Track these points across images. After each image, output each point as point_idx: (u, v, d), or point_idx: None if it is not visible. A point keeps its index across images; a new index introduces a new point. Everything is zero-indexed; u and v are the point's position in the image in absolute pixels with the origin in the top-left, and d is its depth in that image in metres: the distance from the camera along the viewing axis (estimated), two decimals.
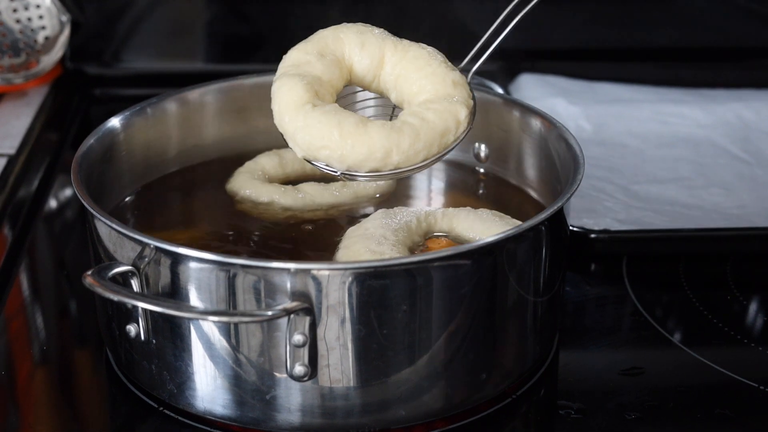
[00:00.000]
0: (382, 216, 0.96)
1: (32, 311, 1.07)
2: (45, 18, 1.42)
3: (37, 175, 1.29)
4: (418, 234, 0.96)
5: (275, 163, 1.09)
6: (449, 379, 0.87)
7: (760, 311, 1.06)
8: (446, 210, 0.99)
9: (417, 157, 0.91)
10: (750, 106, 1.42)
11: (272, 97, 0.93)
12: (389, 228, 0.94)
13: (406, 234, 0.95)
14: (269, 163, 1.09)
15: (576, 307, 1.06)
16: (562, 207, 0.89)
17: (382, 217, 0.96)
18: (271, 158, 1.10)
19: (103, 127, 1.02)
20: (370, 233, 0.93)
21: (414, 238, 0.96)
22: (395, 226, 0.95)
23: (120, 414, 0.93)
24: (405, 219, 0.96)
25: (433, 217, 0.98)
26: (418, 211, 0.98)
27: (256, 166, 1.09)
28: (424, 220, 0.97)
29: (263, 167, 1.09)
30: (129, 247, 0.85)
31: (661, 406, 0.92)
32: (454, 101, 0.93)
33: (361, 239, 0.93)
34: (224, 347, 0.85)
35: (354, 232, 0.95)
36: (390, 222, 0.95)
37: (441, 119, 0.91)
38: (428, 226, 0.97)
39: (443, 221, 0.98)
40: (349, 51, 0.96)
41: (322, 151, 0.90)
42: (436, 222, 0.98)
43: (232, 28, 1.57)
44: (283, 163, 1.10)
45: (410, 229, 0.96)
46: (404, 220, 0.96)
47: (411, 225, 0.96)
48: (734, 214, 1.18)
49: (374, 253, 0.90)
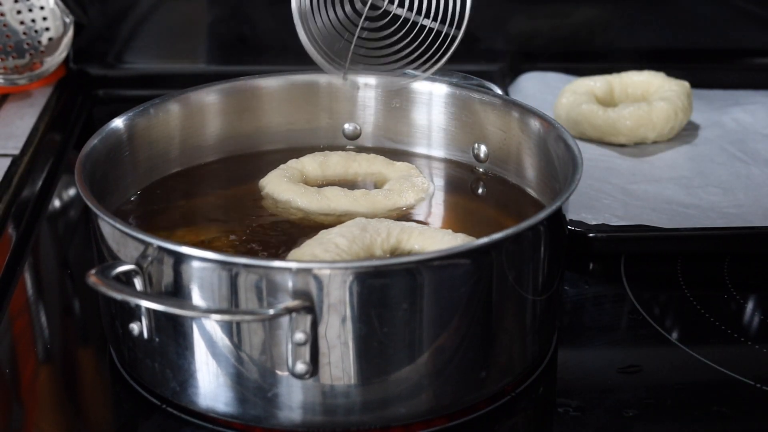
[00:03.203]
0: (355, 224, 0.96)
1: (36, 310, 1.07)
2: (49, 19, 1.43)
3: (40, 176, 1.29)
4: (382, 249, 0.95)
5: (316, 165, 1.10)
6: (449, 377, 0.87)
7: (757, 309, 1.07)
8: (423, 228, 0.96)
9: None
10: (746, 109, 1.43)
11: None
12: (349, 237, 0.93)
13: (361, 246, 0.93)
14: (310, 165, 1.10)
15: (574, 305, 1.07)
16: (560, 207, 0.90)
17: (354, 225, 0.95)
18: (314, 159, 1.10)
19: (106, 128, 1.02)
20: (328, 238, 0.93)
21: (374, 251, 0.94)
22: (355, 236, 0.93)
23: (123, 411, 0.93)
24: (372, 231, 0.95)
25: (406, 234, 0.96)
26: (392, 224, 0.96)
27: (297, 164, 1.09)
28: (395, 235, 0.95)
29: (303, 167, 1.09)
30: (132, 247, 0.86)
31: (658, 404, 0.92)
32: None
33: (315, 242, 0.93)
34: (226, 345, 0.85)
35: (323, 233, 0.95)
36: (355, 231, 0.94)
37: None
38: (397, 243, 0.96)
39: (416, 239, 0.95)
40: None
41: None
42: (408, 239, 0.95)
43: (234, 30, 1.57)
44: (324, 165, 1.10)
45: (370, 243, 0.94)
46: (370, 233, 0.94)
47: (374, 239, 0.94)
48: (731, 213, 1.19)
49: (314, 256, 0.91)
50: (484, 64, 1.54)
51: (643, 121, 1.33)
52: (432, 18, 1.05)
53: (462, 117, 1.12)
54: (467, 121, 1.12)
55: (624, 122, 1.33)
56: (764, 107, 1.43)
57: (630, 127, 1.33)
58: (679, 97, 1.35)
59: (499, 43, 1.58)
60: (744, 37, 1.58)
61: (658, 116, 1.33)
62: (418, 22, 1.06)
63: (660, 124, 1.33)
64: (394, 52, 1.09)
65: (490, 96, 1.10)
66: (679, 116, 1.34)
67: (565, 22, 1.59)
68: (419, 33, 1.06)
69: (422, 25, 1.06)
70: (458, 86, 1.11)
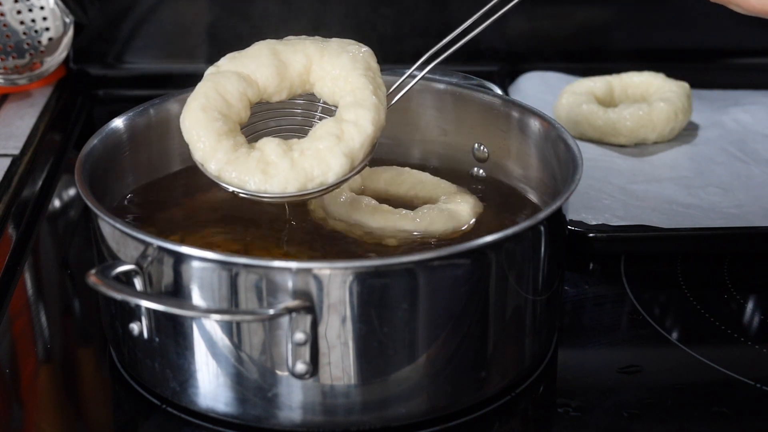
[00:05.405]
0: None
1: (36, 310, 1.07)
2: (49, 19, 1.43)
3: (40, 175, 1.29)
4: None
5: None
6: (449, 377, 0.88)
7: (758, 310, 1.07)
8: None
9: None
10: (746, 109, 1.43)
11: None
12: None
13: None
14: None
15: (574, 305, 1.07)
16: (560, 207, 0.90)
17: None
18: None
19: (106, 128, 1.02)
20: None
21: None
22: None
23: (123, 412, 0.93)
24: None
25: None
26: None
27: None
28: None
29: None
30: (132, 247, 0.86)
31: (658, 404, 0.92)
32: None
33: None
34: (226, 345, 0.85)
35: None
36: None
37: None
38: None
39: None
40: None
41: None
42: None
43: (234, 29, 1.57)
44: (363, 176, 1.08)
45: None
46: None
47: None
48: (732, 213, 1.19)
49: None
50: (484, 64, 1.54)
51: (643, 122, 1.33)
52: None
53: (462, 117, 1.12)
54: (467, 121, 1.11)
55: (624, 123, 1.33)
56: (764, 107, 1.43)
57: (630, 128, 1.33)
58: (679, 98, 1.35)
59: (499, 43, 1.58)
60: (744, 38, 1.58)
61: (658, 117, 1.33)
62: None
63: (660, 125, 1.33)
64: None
65: (490, 96, 1.10)
66: (680, 117, 1.34)
67: (565, 22, 1.59)
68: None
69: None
70: (458, 86, 1.11)
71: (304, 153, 0.91)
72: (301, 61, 0.96)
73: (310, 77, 0.96)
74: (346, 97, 0.94)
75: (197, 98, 0.93)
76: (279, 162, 0.90)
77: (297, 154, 0.91)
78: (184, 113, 0.93)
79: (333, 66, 0.95)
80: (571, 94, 1.38)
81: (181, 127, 0.93)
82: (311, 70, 0.96)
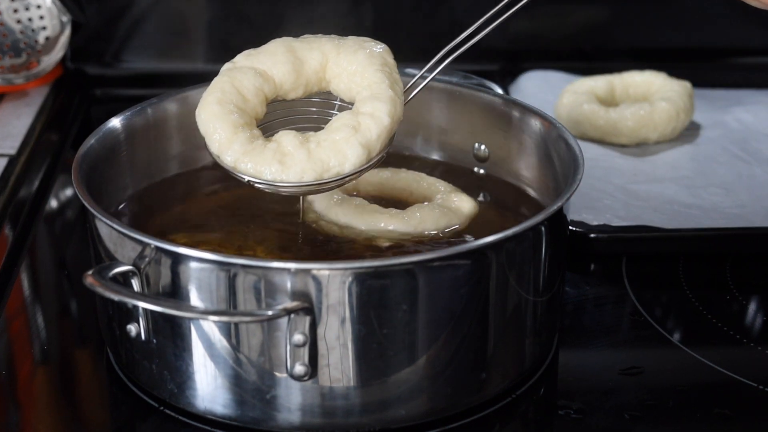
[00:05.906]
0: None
1: (33, 311, 1.07)
2: (46, 18, 1.42)
3: (37, 176, 1.29)
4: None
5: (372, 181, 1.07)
6: (449, 378, 0.87)
7: (760, 311, 1.06)
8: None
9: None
10: (748, 109, 1.42)
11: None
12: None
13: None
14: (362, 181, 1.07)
15: (575, 306, 1.06)
16: (561, 207, 0.89)
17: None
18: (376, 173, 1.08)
19: (103, 128, 1.02)
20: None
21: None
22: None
23: (121, 413, 0.93)
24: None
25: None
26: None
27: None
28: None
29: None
30: (129, 247, 0.86)
31: (660, 406, 0.92)
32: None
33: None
34: (224, 347, 0.85)
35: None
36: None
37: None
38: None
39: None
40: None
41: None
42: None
43: (232, 29, 1.57)
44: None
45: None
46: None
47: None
48: (734, 213, 1.18)
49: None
50: (484, 63, 1.53)
51: (644, 122, 1.32)
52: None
53: (462, 117, 1.11)
54: (467, 121, 1.11)
55: (626, 123, 1.32)
56: (766, 107, 1.43)
57: (631, 127, 1.32)
58: (680, 98, 1.35)
59: (499, 43, 1.57)
60: (746, 37, 1.58)
61: (660, 117, 1.32)
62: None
63: (662, 124, 1.33)
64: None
65: (491, 96, 1.09)
66: (681, 117, 1.34)
67: (565, 21, 1.59)
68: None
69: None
70: (458, 86, 1.11)
71: (321, 144, 0.91)
72: (317, 58, 0.96)
73: (326, 74, 0.96)
74: (363, 92, 0.94)
75: (213, 92, 0.93)
76: (295, 152, 0.90)
77: (314, 145, 0.91)
78: (199, 107, 0.93)
79: (349, 62, 0.95)
80: (572, 93, 1.37)
81: (197, 120, 0.93)
82: (327, 67, 0.96)
